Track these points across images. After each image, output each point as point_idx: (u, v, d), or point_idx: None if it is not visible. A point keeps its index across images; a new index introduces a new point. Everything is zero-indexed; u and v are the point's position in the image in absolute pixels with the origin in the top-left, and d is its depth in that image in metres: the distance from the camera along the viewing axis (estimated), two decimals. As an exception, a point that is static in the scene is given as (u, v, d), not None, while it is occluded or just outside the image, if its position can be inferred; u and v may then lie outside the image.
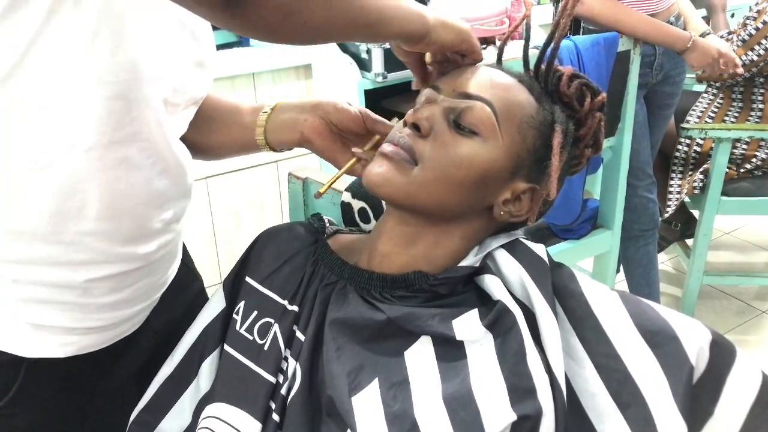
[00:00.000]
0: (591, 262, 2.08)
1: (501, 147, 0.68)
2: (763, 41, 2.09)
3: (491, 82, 0.70)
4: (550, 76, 0.72)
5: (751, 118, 2.24)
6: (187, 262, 0.96)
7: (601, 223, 1.96)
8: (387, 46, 2.03)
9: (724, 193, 2.15)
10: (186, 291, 0.94)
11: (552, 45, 0.72)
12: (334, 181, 0.78)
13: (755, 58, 2.11)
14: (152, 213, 0.74)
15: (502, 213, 0.70)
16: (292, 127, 0.81)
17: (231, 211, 2.35)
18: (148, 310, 0.84)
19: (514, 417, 0.59)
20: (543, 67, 0.73)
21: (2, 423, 0.73)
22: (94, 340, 0.75)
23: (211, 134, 0.86)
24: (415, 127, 0.68)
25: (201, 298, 0.91)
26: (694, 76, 2.23)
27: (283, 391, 0.69)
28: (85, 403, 0.79)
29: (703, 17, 2.11)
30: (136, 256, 0.74)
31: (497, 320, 0.65)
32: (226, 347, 0.76)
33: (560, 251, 1.85)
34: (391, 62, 2.13)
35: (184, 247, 0.96)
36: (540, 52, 0.73)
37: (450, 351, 0.65)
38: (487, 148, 0.67)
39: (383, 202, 0.81)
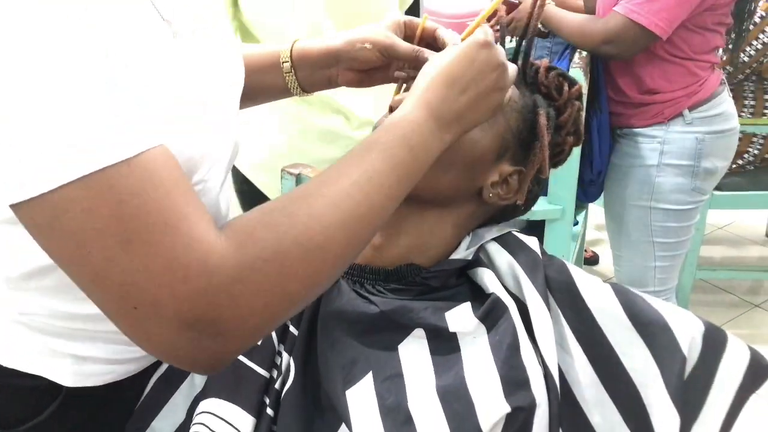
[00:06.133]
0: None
1: (486, 128, 0.69)
2: (754, 42, 2.09)
3: None
4: (528, 68, 0.75)
5: (743, 114, 2.25)
6: None
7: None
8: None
9: (716, 187, 2.15)
10: None
11: (527, 38, 0.74)
12: None
13: (746, 59, 2.11)
14: None
15: (491, 195, 0.72)
16: (326, 82, 0.82)
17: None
18: None
19: (508, 409, 0.60)
20: (519, 60, 0.75)
21: None
22: (135, 366, 0.74)
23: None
24: None
25: None
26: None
27: (276, 385, 0.69)
28: (122, 420, 0.77)
29: None
30: None
31: (490, 313, 0.65)
32: (220, 343, 0.76)
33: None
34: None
35: None
36: (516, 46, 0.76)
37: (443, 344, 0.65)
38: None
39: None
